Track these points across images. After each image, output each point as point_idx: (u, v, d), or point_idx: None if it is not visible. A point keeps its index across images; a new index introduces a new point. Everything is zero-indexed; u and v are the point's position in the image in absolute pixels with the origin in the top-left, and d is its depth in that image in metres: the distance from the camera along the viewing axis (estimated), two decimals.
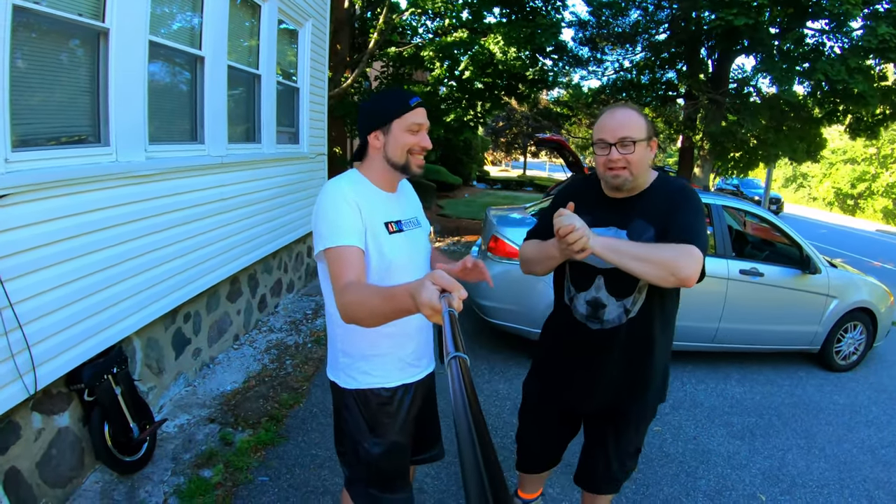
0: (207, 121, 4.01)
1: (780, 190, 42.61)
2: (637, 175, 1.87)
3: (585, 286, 1.99)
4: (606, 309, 1.95)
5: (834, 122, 13.05)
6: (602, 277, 1.94)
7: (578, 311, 2.02)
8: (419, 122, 1.76)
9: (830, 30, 11.01)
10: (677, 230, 1.80)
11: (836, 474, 3.52)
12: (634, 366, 2.00)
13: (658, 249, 1.75)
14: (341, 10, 10.15)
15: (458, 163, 23.22)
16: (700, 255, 1.75)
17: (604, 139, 1.85)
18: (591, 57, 15.15)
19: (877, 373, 5.43)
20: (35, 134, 2.56)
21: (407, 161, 1.78)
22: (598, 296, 1.96)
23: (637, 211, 1.91)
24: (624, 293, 1.93)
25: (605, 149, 1.85)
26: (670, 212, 1.86)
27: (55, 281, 2.54)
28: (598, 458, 2.18)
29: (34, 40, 2.51)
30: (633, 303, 1.93)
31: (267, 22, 5.04)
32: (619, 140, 1.82)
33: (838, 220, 30.46)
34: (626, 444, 2.15)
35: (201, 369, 4.24)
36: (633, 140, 1.82)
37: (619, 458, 2.16)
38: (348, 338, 1.80)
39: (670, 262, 1.72)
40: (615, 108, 1.92)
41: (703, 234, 1.83)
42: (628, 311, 1.93)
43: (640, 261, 1.72)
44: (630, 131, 1.83)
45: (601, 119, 1.91)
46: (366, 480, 1.87)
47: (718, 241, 4.90)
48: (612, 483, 2.22)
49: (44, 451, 2.58)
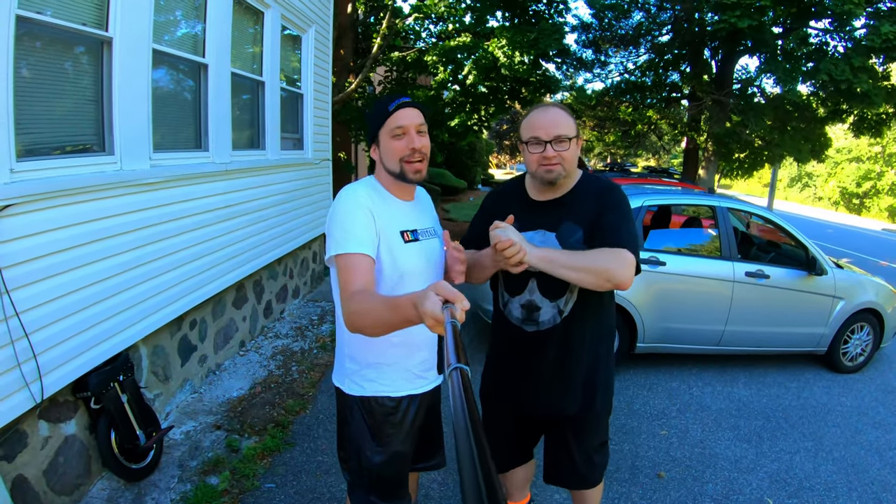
0: (211, 128, 4.02)
1: (785, 189, 42.48)
2: (569, 171, 1.91)
3: (519, 290, 2.00)
4: (541, 311, 1.97)
5: (838, 122, 13.01)
6: (535, 280, 1.96)
7: (514, 315, 2.03)
8: (401, 125, 1.72)
9: (834, 29, 10.99)
10: (606, 233, 1.83)
11: (844, 477, 3.50)
12: (574, 365, 2.01)
13: (591, 257, 1.77)
14: (344, 16, 10.17)
15: (463, 166, 23.23)
16: (632, 258, 1.78)
17: (537, 137, 1.87)
18: (594, 59, 15.16)
19: (884, 374, 5.39)
20: (40, 143, 2.57)
21: (402, 169, 1.75)
22: (532, 298, 1.97)
23: (564, 212, 1.93)
24: (556, 294, 1.94)
25: (540, 146, 1.87)
26: (598, 212, 1.88)
27: (61, 290, 2.55)
28: (561, 458, 2.19)
29: (38, 50, 2.53)
30: (565, 303, 1.95)
31: (270, 28, 5.07)
32: (554, 137, 1.85)
33: (844, 219, 30.32)
34: (587, 441, 2.15)
35: (207, 376, 4.24)
36: (567, 137, 1.85)
37: (583, 454, 2.15)
38: (356, 344, 1.80)
39: (604, 268, 1.75)
40: (545, 107, 1.94)
41: (633, 234, 1.85)
42: (562, 312, 1.95)
43: (575, 270, 1.75)
44: (563, 129, 1.86)
45: (532, 118, 1.92)
46: (366, 488, 1.86)
47: (724, 244, 4.88)
48: (581, 480, 2.21)
49: (51, 459, 2.59)
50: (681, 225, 7.16)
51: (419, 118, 1.76)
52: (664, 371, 5.00)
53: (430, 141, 1.81)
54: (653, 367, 5.06)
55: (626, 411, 4.19)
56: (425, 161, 1.79)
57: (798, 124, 12.77)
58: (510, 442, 2.28)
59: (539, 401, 2.07)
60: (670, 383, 4.77)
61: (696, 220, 7.07)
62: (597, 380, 2.06)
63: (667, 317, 4.72)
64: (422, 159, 1.77)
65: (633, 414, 4.17)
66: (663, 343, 4.83)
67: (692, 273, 4.76)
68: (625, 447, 3.68)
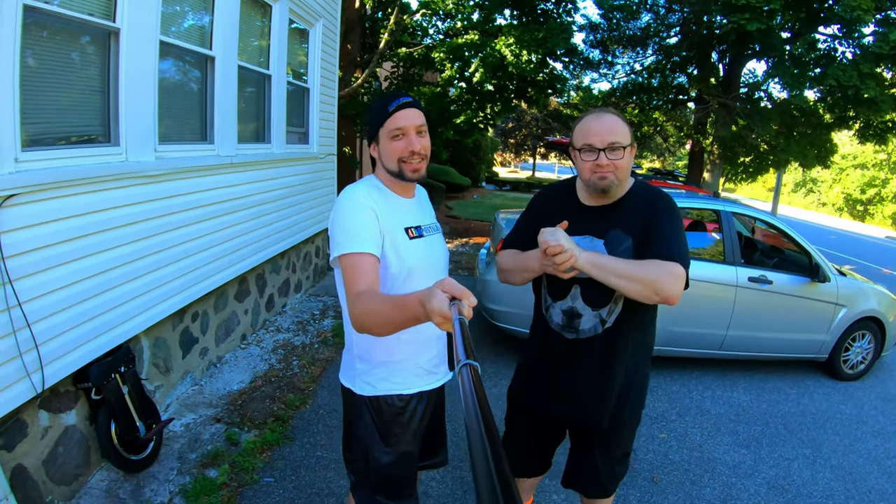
0: (217, 121, 4.02)
1: (789, 195, 42.40)
2: (622, 180, 1.87)
3: (562, 295, 1.96)
4: (582, 318, 1.92)
5: (844, 128, 12.98)
6: (578, 287, 1.92)
7: (554, 320, 1.99)
8: (399, 126, 1.70)
9: (842, 35, 10.95)
10: (658, 244, 1.79)
11: (842, 485, 3.50)
12: (610, 376, 1.96)
13: (642, 267, 1.73)
14: (352, 11, 10.16)
15: (468, 164, 23.22)
16: (683, 273, 1.75)
17: (591, 144, 1.82)
18: (601, 60, 15.13)
19: (884, 382, 5.38)
20: (45, 133, 2.57)
21: (400, 169, 1.74)
22: (573, 305, 1.93)
23: (614, 220, 1.89)
24: (600, 303, 1.90)
25: (593, 153, 1.82)
26: (649, 223, 1.84)
27: (64, 280, 2.56)
28: (585, 466, 2.17)
29: (45, 40, 2.53)
30: (608, 313, 1.90)
31: (278, 22, 5.06)
32: (608, 145, 1.80)
33: (848, 226, 30.25)
34: (612, 451, 2.12)
35: (208, 369, 4.25)
36: (622, 145, 1.81)
37: (607, 464, 2.13)
38: (365, 344, 1.79)
39: (654, 280, 1.71)
40: (600, 113, 1.88)
41: (685, 248, 1.81)
42: (604, 322, 1.91)
43: (625, 279, 1.71)
44: (619, 136, 1.81)
45: (586, 123, 1.87)
46: (373, 488, 1.86)
47: (727, 248, 4.87)
48: (600, 488, 2.19)
49: (50, 449, 2.60)
50: (685, 228, 7.13)
51: (419, 119, 1.74)
52: (665, 375, 4.99)
53: (430, 140, 1.80)
54: (653, 370, 5.01)
55: None
56: (425, 161, 1.78)
57: (804, 130, 12.74)
58: (534, 450, 2.26)
59: (572, 409, 2.04)
60: (670, 387, 4.77)
61: (700, 223, 7.06)
62: (631, 394, 2.03)
63: (669, 320, 4.71)
64: (421, 160, 1.76)
65: None
66: (665, 346, 4.82)
67: (695, 277, 4.73)
68: None
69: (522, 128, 34.86)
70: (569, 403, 2.03)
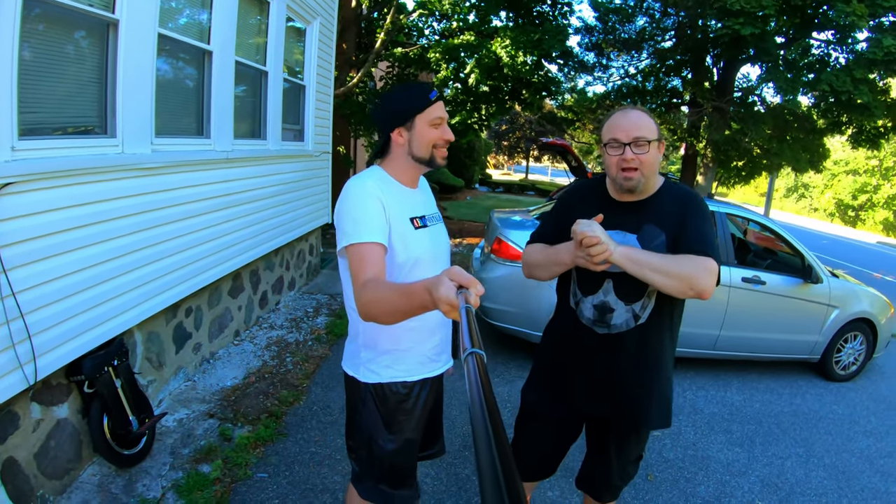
0: (214, 115, 4.00)
1: (781, 200, 42.66)
2: (648, 177, 1.85)
3: (593, 290, 1.93)
4: (615, 313, 1.90)
5: (837, 133, 13.07)
6: (611, 281, 1.89)
7: (585, 315, 1.96)
8: (441, 116, 1.77)
9: (836, 41, 11.04)
10: (692, 240, 1.79)
11: (835, 483, 3.52)
12: (640, 372, 1.94)
13: (677, 262, 1.74)
14: (348, 10, 10.15)
15: (461, 165, 23.23)
16: (716, 268, 1.75)
17: (617, 139, 1.82)
18: (596, 63, 15.18)
19: (876, 383, 5.42)
20: (42, 123, 2.55)
21: (432, 155, 1.79)
22: (606, 300, 1.91)
23: (646, 215, 1.89)
24: (633, 297, 1.88)
25: (619, 149, 1.82)
26: (682, 219, 1.84)
27: (58, 271, 2.53)
28: (599, 466, 2.15)
29: (44, 29, 2.51)
30: (642, 308, 1.89)
31: (276, 19, 5.05)
32: (633, 140, 1.80)
33: (839, 231, 30.47)
34: (627, 452, 2.11)
35: (201, 364, 4.23)
36: (647, 140, 1.81)
37: (621, 465, 2.12)
38: (371, 333, 1.79)
39: (690, 275, 1.71)
40: (627, 108, 1.89)
41: (717, 245, 1.83)
42: (637, 317, 1.89)
43: (659, 273, 1.72)
44: (644, 131, 1.81)
45: (613, 119, 1.88)
46: (377, 477, 1.86)
47: (721, 249, 4.89)
48: (611, 490, 2.19)
49: (42, 442, 2.58)
50: None
51: (445, 112, 1.82)
52: None
53: None
54: None
55: None
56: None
57: (797, 134, 12.82)
58: (546, 454, 2.23)
59: (597, 401, 2.01)
60: None
61: None
62: (662, 390, 2.02)
63: None
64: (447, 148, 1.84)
65: None
66: None
67: None
68: None
69: (516, 130, 34.92)
70: (604, 401, 1.99)
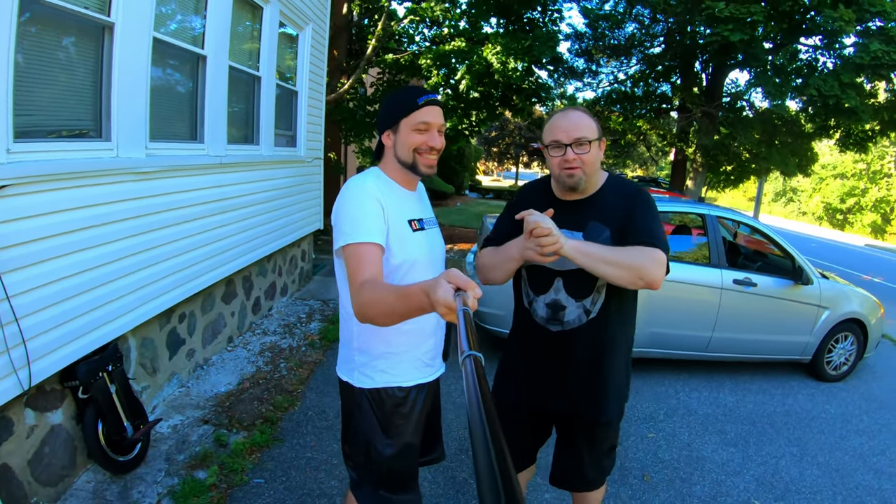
0: (208, 120, 4.00)
1: (770, 204, 43.01)
2: (590, 174, 1.89)
3: (544, 289, 1.97)
4: (567, 310, 1.94)
5: (825, 137, 13.21)
6: (561, 279, 1.93)
7: (539, 314, 2.00)
8: (426, 121, 1.72)
9: (824, 46, 11.18)
10: (640, 233, 1.82)
11: (829, 481, 3.54)
12: (597, 366, 1.98)
13: (626, 253, 1.77)
14: (339, 16, 10.18)
15: (451, 172, 23.30)
16: (664, 258, 1.79)
17: (558, 140, 1.85)
18: (586, 69, 15.29)
19: (867, 383, 5.46)
20: (37, 126, 2.55)
21: (414, 160, 1.75)
22: (557, 298, 1.95)
23: (591, 213, 1.92)
24: (583, 294, 1.92)
25: (560, 150, 1.85)
26: (628, 214, 1.87)
27: (53, 275, 2.52)
28: (571, 460, 2.17)
29: (40, 32, 2.51)
30: (592, 303, 1.93)
31: (269, 24, 5.05)
32: (574, 140, 1.83)
33: (828, 234, 30.73)
34: (601, 445, 2.13)
35: (195, 370, 4.21)
36: (587, 140, 1.83)
37: (594, 458, 2.14)
38: (364, 336, 1.78)
39: (639, 265, 1.74)
40: (566, 110, 1.92)
41: (664, 236, 1.85)
42: (588, 312, 1.93)
43: (609, 264, 1.74)
44: (584, 131, 1.84)
45: (554, 121, 1.91)
46: (375, 482, 1.83)
47: (713, 252, 4.93)
48: (587, 482, 2.19)
49: (36, 449, 2.55)
50: (671, 233, 7.21)
51: (442, 118, 1.77)
52: (651, 376, 5.02)
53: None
54: (640, 371, 5.08)
55: None
56: (437, 157, 1.80)
57: (786, 139, 12.96)
58: (519, 444, 2.24)
59: (566, 403, 2.03)
60: (657, 388, 4.80)
61: (686, 228, 7.13)
62: (619, 383, 2.05)
63: (655, 322, 4.75)
64: (436, 155, 1.78)
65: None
66: (651, 348, 4.86)
67: (681, 280, 4.79)
68: None
69: (506, 136, 35.04)
70: (562, 397, 2.03)
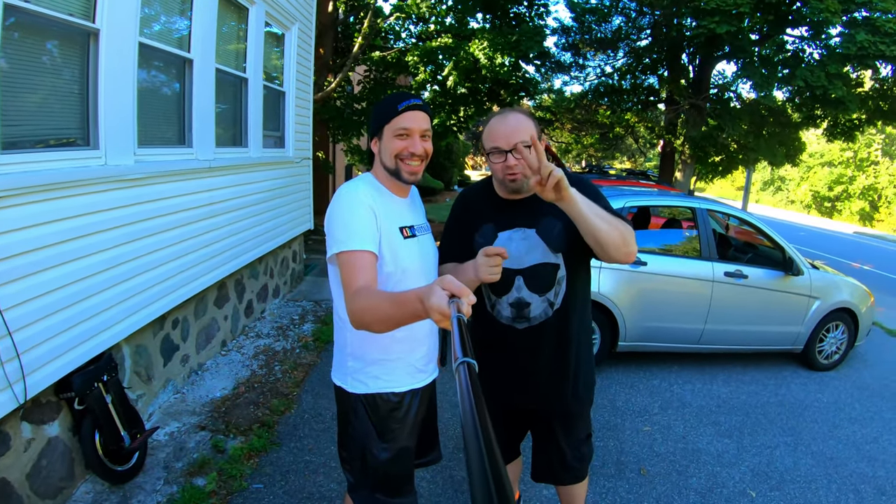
0: (196, 124, 3.97)
1: (758, 193, 43.27)
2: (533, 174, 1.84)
3: (506, 289, 1.96)
4: (531, 306, 1.95)
5: (812, 127, 13.30)
6: (521, 277, 1.94)
7: (503, 314, 2.00)
8: (405, 127, 1.71)
9: (810, 37, 11.23)
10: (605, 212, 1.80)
11: (823, 470, 3.58)
12: (565, 357, 2.01)
13: (614, 218, 1.76)
14: (325, 15, 10.13)
15: (440, 167, 23.26)
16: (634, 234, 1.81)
17: (498, 147, 1.83)
18: (573, 62, 15.30)
19: (859, 371, 5.52)
20: (23, 136, 2.52)
21: (397, 167, 1.74)
22: (520, 296, 1.95)
23: (540, 207, 1.89)
24: (545, 288, 1.94)
25: (501, 156, 1.84)
26: None
27: (44, 287, 2.50)
28: (551, 454, 2.19)
29: (24, 40, 2.48)
30: (555, 295, 1.94)
31: (255, 25, 5.02)
32: (513, 146, 1.81)
33: (816, 222, 30.95)
34: (577, 433, 2.17)
35: (190, 376, 4.19)
36: (527, 144, 1.78)
37: (572, 446, 2.17)
38: (358, 342, 1.78)
39: (626, 233, 1.75)
40: (502, 114, 1.89)
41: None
42: (552, 304, 1.95)
43: (604, 220, 1.71)
44: (522, 135, 1.81)
45: (491, 127, 1.88)
46: (372, 486, 1.84)
47: (703, 244, 4.96)
48: (571, 472, 2.21)
49: (34, 462, 2.54)
50: (661, 226, 7.25)
51: (426, 123, 1.75)
52: (645, 369, 5.06)
53: (431, 145, 1.80)
54: (634, 365, 5.11)
55: (610, 409, 4.23)
56: (423, 164, 1.78)
57: (773, 129, 13.04)
58: (500, 441, 2.26)
59: (537, 396, 2.07)
60: (651, 381, 4.83)
61: (676, 221, 7.18)
62: (587, 370, 2.09)
63: (648, 316, 4.78)
64: (420, 163, 1.76)
65: (616, 411, 4.21)
66: (644, 342, 4.89)
67: (673, 273, 4.82)
68: (610, 443, 3.71)
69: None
70: (533, 393, 2.06)
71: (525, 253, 1.92)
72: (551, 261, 1.92)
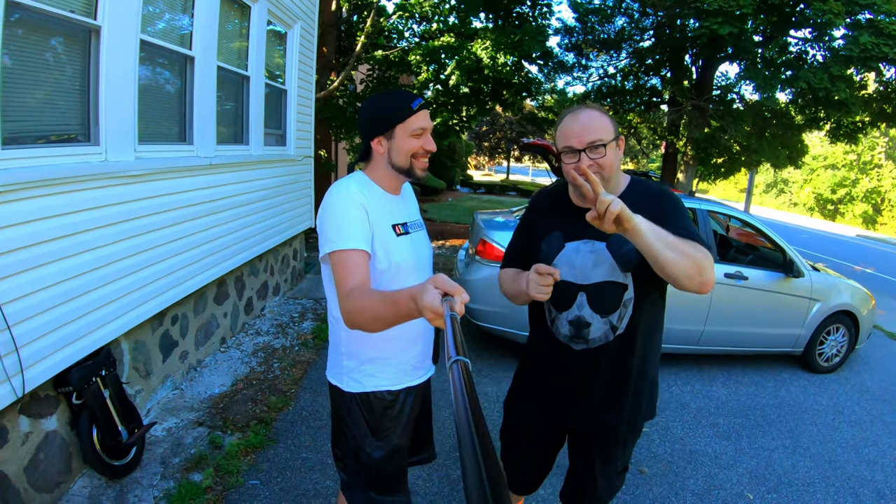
0: (196, 121, 3.98)
1: (761, 195, 43.20)
2: (609, 178, 1.72)
3: (567, 305, 1.82)
4: (591, 327, 1.79)
5: (815, 129, 13.27)
6: (584, 294, 1.79)
7: (561, 332, 1.86)
8: (423, 126, 1.73)
9: (813, 38, 11.20)
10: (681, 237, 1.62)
11: (822, 473, 3.58)
12: (623, 384, 1.86)
13: (685, 243, 1.59)
14: (328, 13, 10.13)
15: (442, 167, 23.26)
16: (713, 261, 1.64)
17: (571, 146, 1.69)
18: (576, 63, 15.28)
19: (859, 374, 5.51)
20: (24, 132, 2.53)
21: (411, 165, 1.76)
22: (580, 314, 1.80)
23: None
24: (609, 309, 1.78)
25: (574, 156, 1.69)
26: (660, 220, 1.63)
27: (44, 282, 2.51)
28: (585, 480, 2.05)
29: (26, 36, 2.48)
30: (619, 319, 1.79)
31: (257, 23, 5.03)
32: (587, 145, 1.67)
33: (819, 225, 30.91)
34: (613, 464, 2.01)
35: (188, 372, 4.20)
36: (602, 143, 1.67)
37: (607, 477, 2.02)
38: (353, 341, 1.79)
39: (700, 258, 1.57)
40: (577, 110, 1.75)
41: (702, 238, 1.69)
42: (615, 328, 1.79)
43: (673, 249, 1.54)
44: (598, 133, 1.68)
45: (564, 124, 1.74)
46: (365, 484, 1.85)
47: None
48: (599, 501, 2.08)
49: (31, 456, 2.55)
50: None
51: (431, 122, 1.79)
52: None
53: None
54: None
55: None
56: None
57: (776, 131, 12.99)
58: (536, 464, 2.16)
59: (580, 417, 1.93)
60: None
61: None
62: (648, 403, 1.95)
63: None
64: (427, 157, 1.80)
65: None
66: None
67: None
68: None
69: (497, 131, 35.00)
70: (583, 417, 1.93)
71: (591, 268, 1.77)
72: (619, 280, 1.76)
